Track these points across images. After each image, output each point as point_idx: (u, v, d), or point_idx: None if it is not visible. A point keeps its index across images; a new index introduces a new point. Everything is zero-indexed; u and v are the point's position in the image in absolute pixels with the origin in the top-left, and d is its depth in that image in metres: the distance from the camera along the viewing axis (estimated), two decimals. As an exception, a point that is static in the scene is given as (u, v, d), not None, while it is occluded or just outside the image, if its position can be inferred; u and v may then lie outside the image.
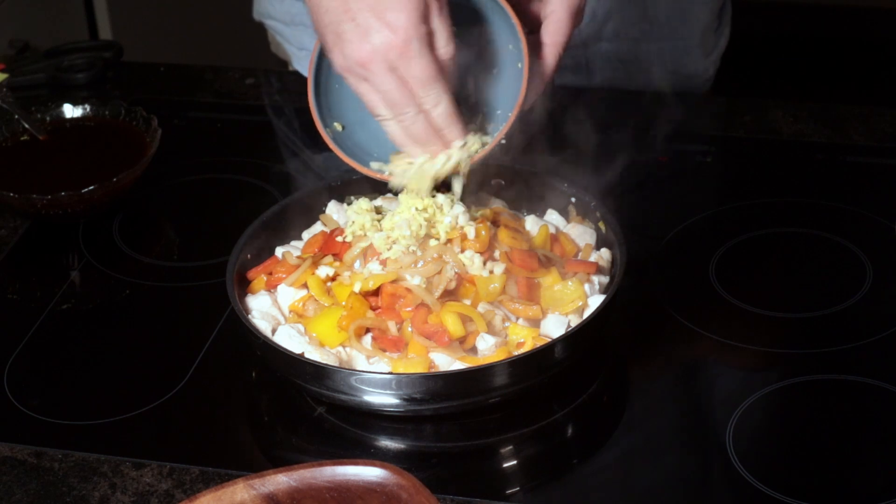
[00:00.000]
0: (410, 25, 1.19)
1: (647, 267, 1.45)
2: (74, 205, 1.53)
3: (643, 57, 1.75)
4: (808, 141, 1.65)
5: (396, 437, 1.28)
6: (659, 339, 1.37)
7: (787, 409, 1.28)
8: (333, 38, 1.23)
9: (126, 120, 1.65)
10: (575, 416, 1.29)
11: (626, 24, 1.73)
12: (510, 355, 1.25)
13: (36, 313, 1.45)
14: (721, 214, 1.54)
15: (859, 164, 1.62)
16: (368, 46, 1.20)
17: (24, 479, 1.25)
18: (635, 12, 1.73)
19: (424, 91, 1.22)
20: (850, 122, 1.69)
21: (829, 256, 1.48)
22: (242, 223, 1.40)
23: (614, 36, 1.73)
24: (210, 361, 1.37)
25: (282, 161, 1.64)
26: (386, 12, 1.19)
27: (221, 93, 1.82)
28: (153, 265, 1.52)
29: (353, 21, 1.21)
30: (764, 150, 1.64)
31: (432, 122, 1.25)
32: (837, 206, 1.54)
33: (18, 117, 1.65)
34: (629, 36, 1.74)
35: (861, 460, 1.23)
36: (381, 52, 1.20)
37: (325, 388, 1.25)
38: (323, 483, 1.13)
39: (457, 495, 1.20)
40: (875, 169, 1.61)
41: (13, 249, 1.55)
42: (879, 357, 1.33)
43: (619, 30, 1.73)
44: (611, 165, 1.43)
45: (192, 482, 1.23)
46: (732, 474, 1.21)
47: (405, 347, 1.27)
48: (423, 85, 1.22)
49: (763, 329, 1.37)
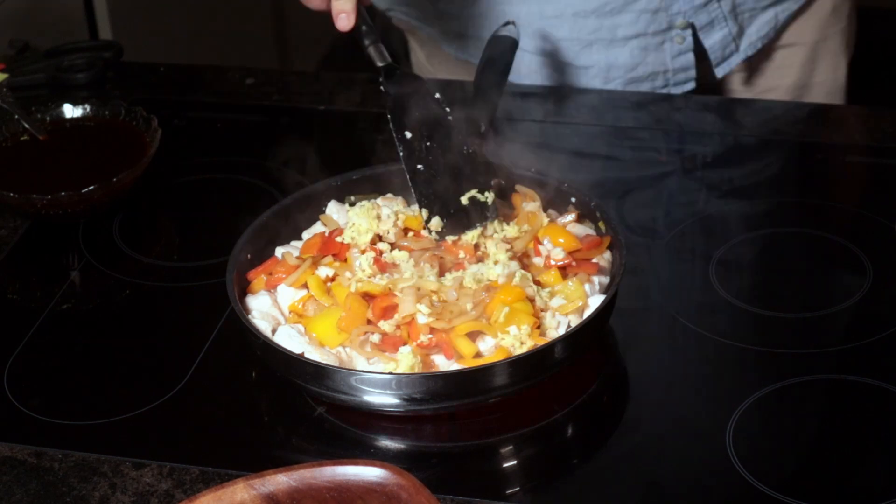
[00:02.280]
0: None
1: (647, 267, 1.45)
2: (74, 205, 1.53)
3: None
4: (808, 141, 1.65)
5: (396, 437, 1.28)
6: (659, 339, 1.37)
7: (787, 409, 1.28)
8: None
9: (126, 120, 1.65)
10: (575, 416, 1.29)
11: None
12: (510, 355, 1.25)
13: (36, 313, 1.45)
14: (721, 214, 1.54)
15: (859, 164, 1.62)
16: None
17: (24, 479, 1.25)
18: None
19: None
20: (849, 122, 1.69)
21: (829, 256, 1.48)
22: (242, 223, 1.40)
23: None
24: (210, 361, 1.37)
25: (282, 161, 1.64)
26: None
27: (221, 93, 1.82)
28: (153, 265, 1.52)
29: None
30: (764, 150, 1.64)
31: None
32: (837, 206, 1.54)
33: (18, 117, 1.65)
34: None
35: (861, 460, 1.23)
36: None
37: (325, 388, 1.25)
38: (323, 483, 1.13)
39: (457, 495, 1.20)
40: (875, 169, 1.61)
41: (13, 249, 1.55)
42: (879, 357, 1.33)
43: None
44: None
45: (192, 482, 1.23)
46: (732, 474, 1.21)
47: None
48: None
49: (763, 329, 1.37)
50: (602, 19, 1.70)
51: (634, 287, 1.40)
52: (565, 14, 1.70)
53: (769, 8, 1.76)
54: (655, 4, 1.70)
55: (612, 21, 1.71)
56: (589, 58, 1.74)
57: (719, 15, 1.72)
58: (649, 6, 1.70)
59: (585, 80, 1.76)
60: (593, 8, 1.69)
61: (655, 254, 1.48)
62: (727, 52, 1.77)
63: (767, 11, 1.76)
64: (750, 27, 1.76)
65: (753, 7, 1.75)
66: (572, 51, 1.73)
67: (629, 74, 1.75)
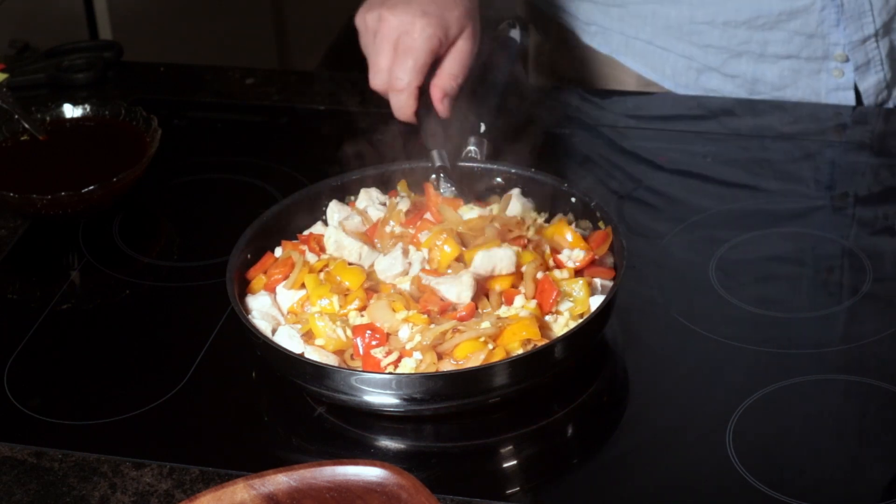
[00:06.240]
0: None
1: (647, 267, 1.45)
2: (74, 205, 1.53)
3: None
4: (806, 140, 1.65)
5: (396, 437, 1.28)
6: (659, 339, 1.37)
7: (787, 409, 1.28)
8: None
9: (126, 120, 1.65)
10: (575, 416, 1.29)
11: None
12: (510, 355, 1.25)
13: (36, 313, 1.45)
14: (721, 214, 1.54)
15: (858, 163, 1.62)
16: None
17: (24, 479, 1.25)
18: None
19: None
20: (849, 121, 1.69)
21: (829, 256, 1.48)
22: (242, 223, 1.40)
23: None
24: (210, 361, 1.37)
25: (282, 161, 1.64)
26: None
27: (221, 93, 1.82)
28: (153, 265, 1.52)
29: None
30: (764, 150, 1.64)
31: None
32: (836, 206, 1.54)
33: (18, 117, 1.65)
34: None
35: (861, 460, 1.23)
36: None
37: (325, 388, 1.25)
38: (323, 483, 1.13)
39: (457, 495, 1.20)
40: (875, 169, 1.61)
41: (13, 249, 1.55)
42: (879, 357, 1.32)
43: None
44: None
45: (192, 482, 1.23)
46: (732, 474, 1.21)
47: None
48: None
49: (763, 329, 1.37)
50: (753, 32, 1.66)
51: (634, 287, 1.40)
52: (716, 21, 1.67)
53: None
54: (811, 29, 1.64)
55: (762, 36, 1.66)
56: (737, 67, 1.70)
57: (876, 56, 1.66)
58: (804, 29, 1.64)
59: (731, 89, 1.72)
60: (745, 19, 1.65)
61: (655, 253, 1.48)
62: (880, 99, 1.71)
63: None
64: None
65: None
66: (720, 58, 1.70)
67: (775, 93, 1.71)
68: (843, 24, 1.64)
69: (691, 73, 1.73)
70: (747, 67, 1.70)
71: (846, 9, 1.63)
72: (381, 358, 1.26)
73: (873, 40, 1.66)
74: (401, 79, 1.51)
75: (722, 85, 1.73)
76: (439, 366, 1.25)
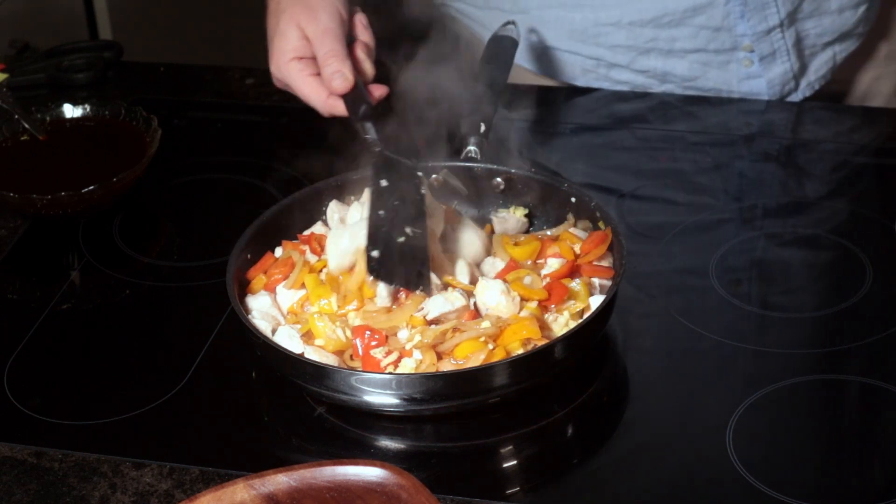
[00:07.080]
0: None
1: (647, 267, 1.45)
2: (74, 205, 1.53)
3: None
4: (807, 140, 1.65)
5: (396, 437, 1.28)
6: (659, 339, 1.37)
7: (787, 409, 1.28)
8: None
9: (126, 120, 1.65)
10: (575, 416, 1.29)
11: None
12: (510, 355, 1.25)
13: (36, 313, 1.45)
14: (721, 214, 1.54)
15: (859, 164, 1.62)
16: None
17: (24, 479, 1.25)
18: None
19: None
20: (849, 122, 1.69)
21: (829, 256, 1.48)
22: (242, 223, 1.40)
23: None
24: (210, 361, 1.37)
25: (282, 161, 1.64)
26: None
27: (221, 93, 1.82)
28: (153, 265, 1.52)
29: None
30: (763, 150, 1.64)
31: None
32: (837, 206, 1.54)
33: (18, 117, 1.65)
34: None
35: (861, 460, 1.23)
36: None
37: (325, 388, 1.25)
38: (323, 483, 1.13)
39: (457, 495, 1.20)
40: (875, 169, 1.61)
41: (13, 249, 1.55)
42: (879, 357, 1.33)
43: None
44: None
45: (192, 482, 1.23)
46: (732, 474, 1.21)
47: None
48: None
49: (763, 329, 1.37)
50: (659, 30, 1.67)
51: (634, 287, 1.40)
52: (621, 23, 1.68)
53: (828, 47, 1.71)
54: (717, 22, 1.66)
55: (669, 33, 1.67)
56: (646, 63, 1.71)
57: (782, 47, 1.68)
58: (709, 23, 1.66)
59: (642, 81, 1.73)
60: (650, 18, 1.66)
61: (655, 253, 1.48)
62: (786, 90, 1.72)
63: (826, 50, 1.72)
64: (810, 66, 1.72)
65: (814, 43, 1.70)
66: (628, 56, 1.71)
67: (686, 83, 1.72)
68: (748, 16, 1.66)
69: (601, 68, 1.73)
70: (656, 63, 1.71)
71: (750, 1, 1.65)
72: (381, 358, 1.26)
73: (778, 31, 1.67)
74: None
75: (633, 78, 1.74)
76: (439, 366, 1.25)
